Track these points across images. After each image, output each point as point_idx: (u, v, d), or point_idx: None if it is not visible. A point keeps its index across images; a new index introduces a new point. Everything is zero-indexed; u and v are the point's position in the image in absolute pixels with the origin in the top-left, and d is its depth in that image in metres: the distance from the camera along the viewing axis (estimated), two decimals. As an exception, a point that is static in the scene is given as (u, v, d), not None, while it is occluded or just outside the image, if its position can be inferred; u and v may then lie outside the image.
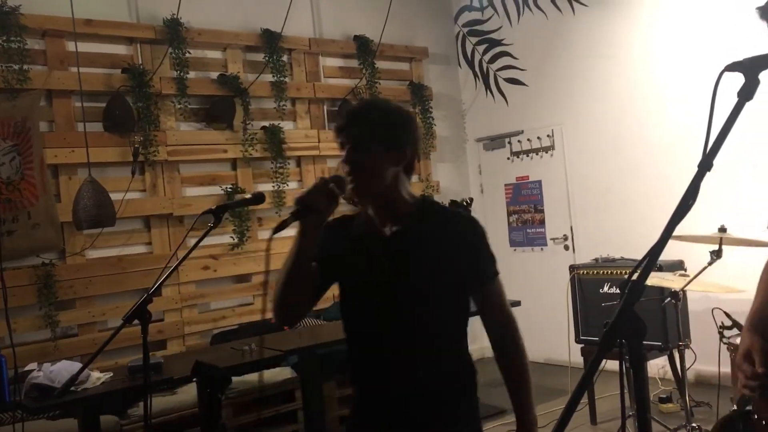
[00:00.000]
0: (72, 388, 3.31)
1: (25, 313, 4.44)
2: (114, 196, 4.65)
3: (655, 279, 3.76)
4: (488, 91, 6.85)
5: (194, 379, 3.50)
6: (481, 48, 6.88)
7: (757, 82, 1.27)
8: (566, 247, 6.22)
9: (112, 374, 3.69)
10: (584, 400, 4.42)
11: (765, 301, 1.99)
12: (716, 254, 3.55)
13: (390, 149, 1.81)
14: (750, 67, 1.28)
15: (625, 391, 3.05)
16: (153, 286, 2.36)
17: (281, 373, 4.68)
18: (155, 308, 4.80)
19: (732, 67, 1.27)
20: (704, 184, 1.25)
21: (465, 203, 2.24)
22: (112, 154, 4.83)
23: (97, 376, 3.61)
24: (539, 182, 6.44)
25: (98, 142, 4.76)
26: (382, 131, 1.80)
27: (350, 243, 1.90)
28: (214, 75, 5.38)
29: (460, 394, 1.88)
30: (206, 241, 2.62)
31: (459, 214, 1.96)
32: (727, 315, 3.48)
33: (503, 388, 1.96)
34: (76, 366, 3.59)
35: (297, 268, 1.80)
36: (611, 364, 2.38)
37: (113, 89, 4.85)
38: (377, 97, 5.80)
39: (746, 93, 1.26)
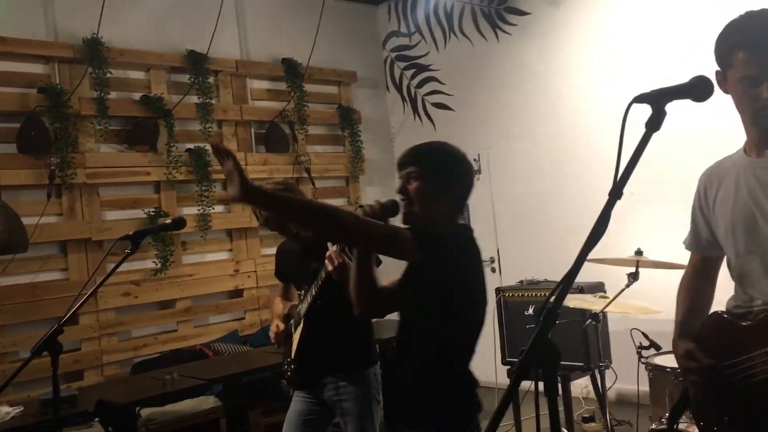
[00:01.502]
0: (-23, 425, 3.13)
1: (-73, 344, 4.19)
2: (27, 221, 4.45)
3: (576, 301, 3.84)
4: (416, 116, 6.92)
5: (97, 420, 3.35)
6: (409, 73, 6.96)
7: (663, 114, 1.31)
8: (493, 270, 6.30)
9: (22, 408, 3.51)
10: (510, 421, 4.46)
11: (687, 313, 2.13)
12: (633, 276, 3.66)
13: (437, 183, 2.13)
14: (657, 99, 1.32)
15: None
16: (65, 316, 2.26)
17: (206, 402, 4.54)
18: (71, 337, 4.65)
19: (640, 99, 1.32)
20: (622, 208, 1.28)
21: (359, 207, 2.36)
22: (26, 177, 4.63)
23: (6, 411, 3.44)
24: (466, 205, 6.50)
25: (11, 164, 4.56)
26: (432, 168, 2.13)
27: None
28: (137, 96, 5.24)
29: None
30: (127, 266, 2.55)
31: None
32: (645, 335, 3.59)
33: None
34: (-17, 401, 3.40)
35: (357, 268, 2.16)
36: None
37: (28, 109, 4.66)
38: (439, 141, 5.80)
39: (653, 124, 1.31)
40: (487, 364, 5.16)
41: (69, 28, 4.93)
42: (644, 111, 1.34)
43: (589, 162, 5.50)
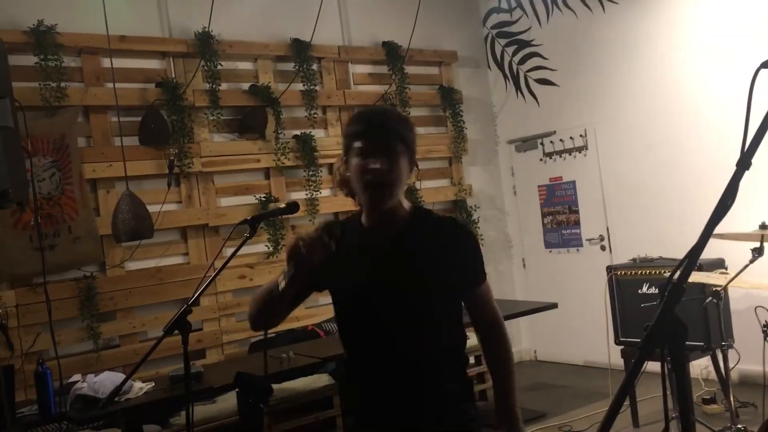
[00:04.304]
0: (116, 399, 3.37)
1: (68, 325, 4.54)
2: (151, 209, 4.72)
3: (696, 277, 3.70)
4: (519, 93, 6.81)
5: (236, 390, 3.53)
6: (510, 49, 6.84)
7: (795, 78, 1.25)
8: (602, 248, 6.14)
9: (153, 384, 3.75)
10: (626, 402, 4.35)
11: None
12: (758, 252, 3.48)
13: (409, 158, 1.88)
14: (787, 63, 1.26)
15: (668, 392, 3.00)
16: (192, 297, 2.40)
17: (319, 380, 4.70)
18: (193, 318, 4.84)
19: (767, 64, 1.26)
20: (744, 181, 1.24)
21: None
22: (148, 167, 4.91)
23: (139, 386, 3.68)
24: (573, 183, 6.37)
25: (134, 156, 4.85)
26: (404, 140, 1.86)
27: (345, 250, 1.90)
28: (246, 86, 5.44)
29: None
30: (242, 250, 2.66)
31: (451, 219, 2.01)
32: (771, 313, 3.41)
33: (542, 392, 1.97)
34: (119, 377, 3.66)
35: (276, 301, 1.94)
36: (652, 366, 2.33)
37: (148, 103, 4.93)
38: (385, 105, 5.71)
39: (784, 89, 1.24)
40: (600, 344, 5.06)
41: (182, 24, 5.18)
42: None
43: (701, 135, 5.25)
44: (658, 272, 4.56)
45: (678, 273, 1.19)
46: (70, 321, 4.55)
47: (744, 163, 1.23)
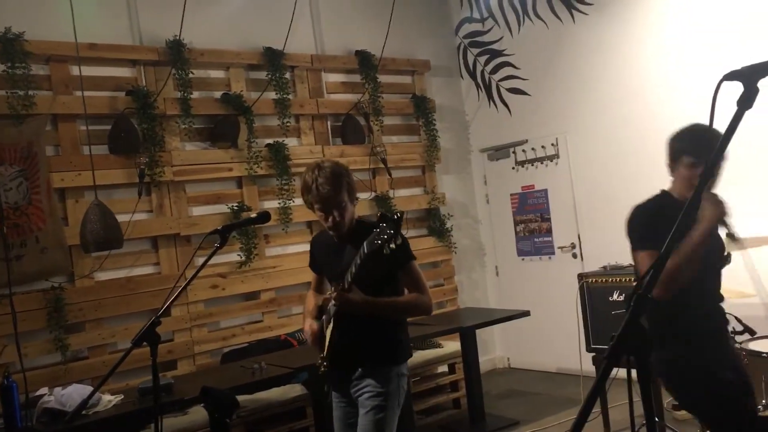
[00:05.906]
0: (83, 412, 3.32)
1: (35, 337, 4.45)
2: (121, 218, 4.67)
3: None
4: (491, 102, 6.86)
5: (202, 405, 3.49)
6: (482, 59, 6.90)
7: (756, 91, 1.27)
8: (574, 256, 6.20)
9: (123, 396, 3.70)
10: (597, 409, 4.40)
11: None
12: (725, 259, 3.52)
13: None
14: (749, 76, 1.28)
15: (639, 399, 3.02)
16: (161, 308, 2.38)
17: (292, 390, 4.67)
18: (165, 328, 4.83)
19: (730, 76, 1.28)
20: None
21: (396, 216, 2.28)
22: (118, 176, 4.85)
23: (108, 399, 3.63)
24: (545, 191, 6.43)
25: (104, 165, 4.79)
26: None
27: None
28: (218, 94, 5.40)
29: None
30: (214, 259, 2.66)
31: None
32: (738, 320, 3.47)
33: (515, 399, 1.95)
34: (87, 389, 3.60)
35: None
36: (624, 372, 2.37)
37: (118, 112, 4.88)
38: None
39: (745, 101, 1.27)
40: (572, 351, 5.10)
41: (153, 32, 5.13)
42: (733, 89, 1.30)
43: (674, 142, 5.32)
44: (628, 279, 4.61)
45: (643, 283, 1.21)
46: (38, 333, 4.47)
47: (708, 173, 1.24)
